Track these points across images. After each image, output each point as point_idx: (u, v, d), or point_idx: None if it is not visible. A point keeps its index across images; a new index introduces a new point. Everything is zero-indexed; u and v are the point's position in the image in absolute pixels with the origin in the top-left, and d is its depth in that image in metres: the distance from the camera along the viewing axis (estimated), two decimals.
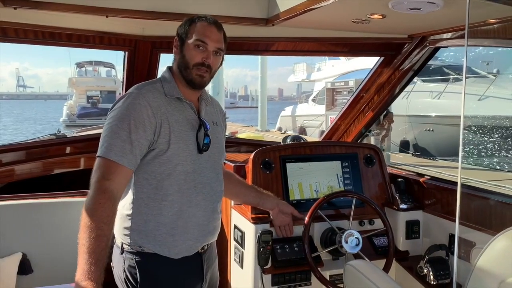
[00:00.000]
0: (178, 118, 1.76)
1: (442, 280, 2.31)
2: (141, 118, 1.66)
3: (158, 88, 1.78)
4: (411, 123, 14.15)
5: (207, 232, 1.88)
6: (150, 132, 1.68)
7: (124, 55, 2.82)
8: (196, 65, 1.75)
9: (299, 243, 2.38)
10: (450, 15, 2.10)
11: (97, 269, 1.46)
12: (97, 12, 2.14)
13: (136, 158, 1.66)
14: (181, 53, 1.78)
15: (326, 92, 18.50)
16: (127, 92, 1.79)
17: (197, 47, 1.75)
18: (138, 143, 1.65)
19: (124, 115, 1.66)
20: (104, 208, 1.53)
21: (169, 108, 1.75)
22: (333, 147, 2.80)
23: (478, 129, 13.14)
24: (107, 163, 1.60)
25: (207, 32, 1.76)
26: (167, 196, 1.75)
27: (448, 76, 14.96)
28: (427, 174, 2.83)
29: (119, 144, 1.62)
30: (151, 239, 1.76)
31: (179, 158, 1.75)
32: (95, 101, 31.71)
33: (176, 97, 1.79)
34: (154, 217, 1.75)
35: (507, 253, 1.57)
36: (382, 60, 3.00)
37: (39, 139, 3.50)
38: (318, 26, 2.52)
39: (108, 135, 1.65)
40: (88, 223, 1.50)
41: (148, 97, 1.71)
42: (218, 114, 2.02)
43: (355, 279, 1.99)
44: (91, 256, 1.46)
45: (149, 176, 1.74)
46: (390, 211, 2.68)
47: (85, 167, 3.17)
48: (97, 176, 1.58)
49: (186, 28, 1.78)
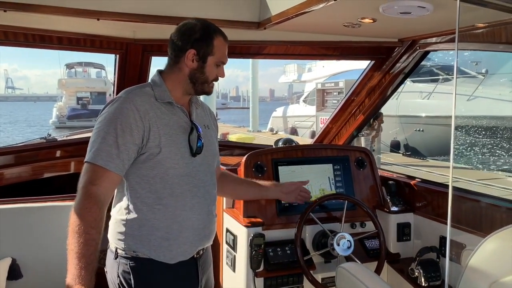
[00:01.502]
0: (168, 122, 1.76)
1: (433, 282, 2.33)
2: (128, 122, 1.66)
3: (147, 92, 1.78)
4: (401, 123, 14.27)
5: (202, 236, 1.87)
6: (138, 136, 1.67)
7: (115, 58, 2.80)
8: (213, 80, 1.84)
9: (291, 246, 2.39)
10: (439, 20, 2.12)
11: (87, 273, 1.47)
12: (88, 15, 2.13)
13: (124, 163, 1.66)
14: (201, 68, 1.79)
15: (317, 93, 18.56)
16: (115, 96, 1.79)
17: (218, 66, 1.83)
18: (125, 147, 1.65)
19: (111, 120, 1.67)
20: (91, 213, 1.55)
21: (158, 112, 1.75)
22: (325, 150, 2.81)
23: (467, 129, 13.29)
24: (94, 168, 1.61)
25: (225, 51, 1.84)
26: (161, 199, 1.74)
27: (437, 77, 15.10)
28: (418, 177, 2.85)
29: (106, 149, 1.63)
30: (146, 243, 1.75)
31: (171, 162, 1.74)
32: (85, 103, 31.49)
33: (167, 101, 1.79)
34: (148, 222, 1.74)
35: (497, 254, 1.59)
36: (373, 64, 3.02)
37: (28, 143, 3.46)
38: (309, 29, 2.53)
39: (96, 140, 1.66)
40: (76, 228, 1.51)
41: (136, 101, 1.71)
42: (208, 117, 2.03)
43: (347, 281, 2.00)
44: (81, 260, 1.47)
45: (141, 180, 1.74)
46: (382, 213, 2.69)
47: (75, 171, 3.14)
48: (83, 181, 1.59)
49: (206, 43, 1.78)
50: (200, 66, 1.79)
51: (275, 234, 2.46)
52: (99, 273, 1.51)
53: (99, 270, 1.80)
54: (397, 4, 1.89)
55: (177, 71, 1.82)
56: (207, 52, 1.79)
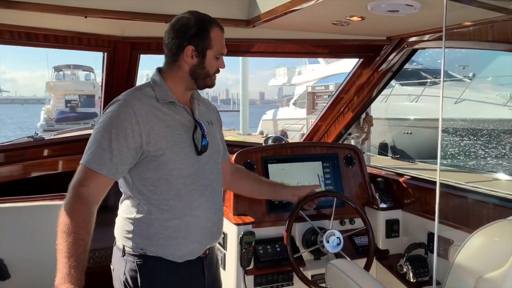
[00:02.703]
0: (170, 122, 1.74)
1: (422, 278, 2.35)
2: (123, 126, 1.64)
3: (148, 93, 1.75)
4: (390, 126, 14.35)
5: (211, 234, 1.86)
6: (133, 141, 1.65)
7: (103, 56, 2.79)
8: (214, 73, 1.81)
9: (281, 244, 2.39)
10: (427, 18, 2.14)
11: (77, 272, 1.47)
12: (75, 12, 2.11)
13: (117, 167, 1.64)
14: (201, 64, 1.76)
15: (307, 96, 18.62)
16: (117, 97, 1.76)
17: (217, 58, 1.79)
18: (119, 151, 1.63)
19: (107, 123, 1.66)
20: (80, 213, 1.56)
21: (159, 113, 1.72)
22: (314, 147, 2.82)
23: (454, 131, 13.42)
24: (86, 170, 1.62)
25: (223, 41, 1.80)
26: (167, 201, 1.73)
27: (425, 80, 15.24)
28: (406, 174, 2.88)
29: (99, 152, 1.62)
30: (154, 242, 1.74)
31: (175, 163, 1.72)
32: (74, 105, 31.15)
33: (169, 101, 1.75)
34: (156, 221, 1.73)
35: (483, 250, 1.60)
36: (362, 62, 3.04)
37: (16, 142, 3.42)
38: (298, 28, 2.54)
39: (91, 143, 1.66)
40: (65, 228, 1.53)
41: (134, 104, 1.68)
42: (211, 112, 2.00)
43: (336, 278, 2.00)
44: (70, 259, 1.48)
45: (146, 182, 1.73)
46: (370, 210, 2.71)
47: (63, 170, 3.12)
48: (74, 182, 1.61)
49: (206, 38, 1.75)
50: (200, 62, 1.76)
51: (265, 232, 2.46)
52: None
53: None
54: (385, 2, 1.91)
55: (176, 68, 1.78)
56: (205, 46, 1.75)
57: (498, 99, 13.02)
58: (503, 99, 12.91)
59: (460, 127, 13.34)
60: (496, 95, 13.27)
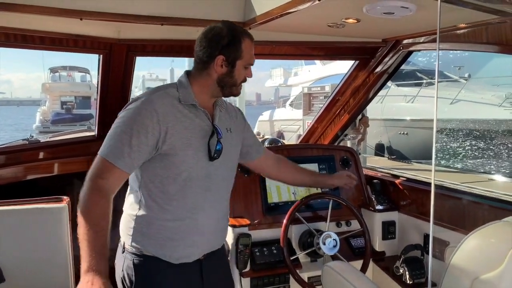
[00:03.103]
0: (189, 125, 1.76)
1: (418, 279, 2.35)
2: (144, 124, 1.68)
3: (172, 93, 1.79)
4: (386, 126, 14.37)
5: (211, 240, 1.88)
6: (152, 138, 1.69)
7: (99, 58, 2.78)
8: (241, 82, 1.85)
9: (277, 246, 2.39)
10: (422, 20, 2.15)
11: (101, 261, 1.53)
12: (71, 14, 2.10)
13: (133, 162, 1.69)
14: (230, 72, 1.80)
15: (303, 97, 18.61)
16: (139, 95, 1.81)
17: (246, 68, 1.83)
18: (138, 148, 1.67)
19: (129, 119, 1.70)
20: (99, 206, 1.61)
21: (179, 115, 1.75)
22: (310, 149, 2.83)
23: (450, 131, 13.46)
24: (104, 163, 1.66)
25: (252, 52, 1.84)
26: (172, 201, 1.76)
27: (421, 81, 15.28)
28: (402, 176, 2.88)
29: (119, 146, 1.66)
30: (153, 241, 1.77)
31: (186, 165, 1.75)
32: (70, 107, 30.99)
33: (191, 103, 1.79)
34: (157, 220, 1.76)
35: (479, 251, 1.61)
36: (357, 64, 3.05)
37: (11, 145, 3.40)
38: (294, 30, 2.54)
39: (111, 136, 1.71)
40: (86, 220, 1.57)
41: (156, 103, 1.72)
42: (233, 119, 2.02)
43: (333, 280, 2.00)
44: (93, 250, 1.54)
45: (155, 178, 1.76)
46: (367, 212, 2.71)
47: (58, 173, 3.10)
48: (92, 174, 1.65)
49: (238, 49, 1.79)
50: (229, 71, 1.80)
51: (261, 234, 2.47)
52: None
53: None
54: (380, 4, 1.91)
55: (205, 75, 1.82)
56: (236, 57, 1.79)
57: (493, 99, 13.07)
58: (498, 99, 12.96)
59: (456, 128, 13.39)
60: (491, 96, 13.32)
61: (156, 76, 43.87)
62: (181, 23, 2.28)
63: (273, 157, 2.26)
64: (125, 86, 2.94)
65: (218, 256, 1.96)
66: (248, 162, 2.18)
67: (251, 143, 2.14)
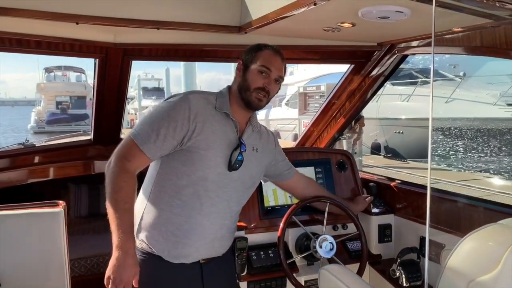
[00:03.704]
0: (217, 130, 1.84)
1: (414, 282, 2.36)
2: (176, 118, 1.77)
3: (209, 99, 1.89)
4: (381, 125, 14.41)
5: (210, 246, 1.91)
6: (180, 133, 1.78)
7: (95, 63, 2.77)
8: (257, 89, 1.86)
9: (274, 250, 2.39)
10: (417, 24, 2.15)
11: (128, 240, 1.68)
12: (66, 19, 2.10)
13: (157, 150, 1.78)
14: (244, 76, 1.89)
15: (299, 97, 18.62)
16: (180, 92, 1.93)
17: (260, 73, 1.87)
18: (164, 138, 1.76)
19: (165, 110, 1.81)
20: (128, 186, 1.72)
21: (210, 118, 1.84)
22: (306, 153, 2.83)
23: (445, 130, 13.51)
24: (132, 145, 1.77)
25: (272, 60, 1.89)
26: (181, 196, 1.83)
27: (416, 80, 15.32)
28: (398, 179, 2.89)
29: (149, 132, 1.77)
30: (157, 233, 1.84)
31: (203, 164, 1.82)
32: (65, 107, 30.86)
33: (224, 111, 1.87)
34: (165, 213, 1.84)
35: (475, 253, 1.62)
36: (353, 67, 3.05)
37: (6, 149, 3.39)
38: (290, 34, 2.54)
39: (144, 120, 1.84)
40: (117, 198, 1.69)
41: (192, 102, 1.81)
42: (264, 142, 2.08)
43: (329, 283, 2.01)
44: (122, 228, 1.67)
45: (171, 171, 1.84)
46: (363, 215, 2.72)
47: (54, 177, 3.09)
48: (120, 153, 1.77)
49: (253, 54, 1.90)
50: (244, 74, 1.89)
51: (258, 238, 2.47)
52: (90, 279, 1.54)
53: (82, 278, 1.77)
54: (375, 8, 1.92)
55: (234, 83, 1.94)
56: (250, 60, 1.89)
57: (488, 98, 13.13)
58: (493, 98, 13.03)
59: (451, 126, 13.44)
60: (486, 94, 13.39)
61: (151, 75, 43.65)
62: (177, 27, 2.28)
63: (304, 179, 2.39)
64: (121, 90, 2.93)
65: (221, 262, 1.99)
66: (278, 182, 2.32)
67: (282, 165, 2.25)
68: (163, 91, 35.62)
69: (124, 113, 3.24)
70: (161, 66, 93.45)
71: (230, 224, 1.96)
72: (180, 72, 21.66)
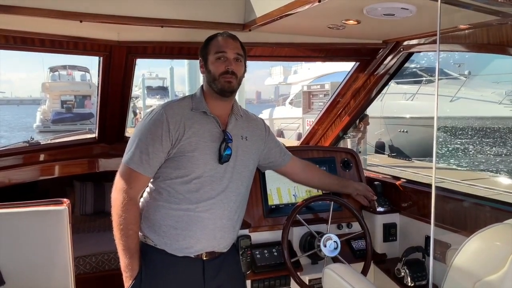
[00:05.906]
0: (198, 130, 1.93)
1: (419, 282, 2.34)
2: (157, 133, 1.88)
3: (184, 104, 1.98)
4: (386, 124, 14.37)
5: (212, 237, 1.95)
6: (166, 145, 1.88)
7: (99, 61, 2.77)
8: (221, 74, 1.93)
9: (278, 248, 2.38)
10: (422, 21, 2.14)
11: (134, 261, 1.88)
12: (70, 17, 2.10)
13: (152, 167, 1.91)
14: (207, 70, 1.97)
15: (303, 96, 18.62)
16: (154, 108, 2.05)
17: (218, 59, 1.94)
18: (155, 155, 1.88)
19: (146, 129, 1.91)
20: (132, 213, 1.88)
21: (190, 121, 1.92)
22: (311, 151, 2.82)
23: (450, 129, 13.45)
24: (129, 171, 1.89)
25: (224, 43, 1.96)
26: (178, 194, 1.92)
27: (421, 78, 15.26)
28: (403, 177, 2.87)
29: (138, 154, 1.88)
30: (157, 228, 1.94)
31: (193, 166, 1.91)
32: (70, 106, 30.97)
33: (202, 110, 1.96)
34: (162, 208, 1.93)
35: (481, 253, 1.60)
36: (358, 65, 3.04)
37: (11, 147, 3.40)
38: (294, 31, 2.53)
39: (131, 145, 1.93)
40: (121, 226, 1.86)
41: (168, 113, 1.91)
42: (253, 128, 2.13)
43: (334, 282, 1.99)
44: (128, 251, 1.86)
45: (166, 176, 1.94)
46: (368, 214, 2.71)
47: (59, 175, 3.10)
48: (121, 184, 1.89)
49: (206, 48, 1.98)
50: (206, 68, 1.98)
51: (261, 236, 2.46)
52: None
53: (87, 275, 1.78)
54: (380, 5, 1.91)
55: (204, 81, 2.03)
56: (205, 54, 1.98)
57: (493, 97, 13.07)
58: (498, 96, 12.96)
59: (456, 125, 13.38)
60: (491, 93, 13.32)
61: (156, 74, 43.79)
62: (181, 25, 2.28)
63: (300, 163, 2.43)
64: (125, 88, 2.93)
65: (223, 259, 2.02)
66: (275, 169, 2.38)
67: (276, 152, 2.29)
68: (167, 90, 35.74)
69: (129, 112, 3.24)
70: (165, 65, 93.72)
71: (230, 214, 2.00)
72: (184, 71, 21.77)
